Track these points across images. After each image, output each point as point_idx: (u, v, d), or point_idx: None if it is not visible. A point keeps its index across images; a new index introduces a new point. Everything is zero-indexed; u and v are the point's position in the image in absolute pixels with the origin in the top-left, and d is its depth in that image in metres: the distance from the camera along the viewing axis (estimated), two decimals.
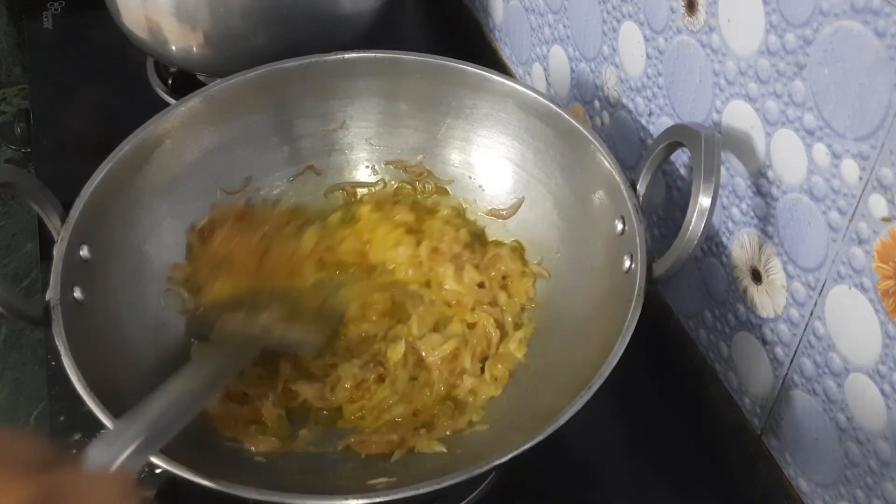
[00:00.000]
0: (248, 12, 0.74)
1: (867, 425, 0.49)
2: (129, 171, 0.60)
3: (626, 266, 0.56)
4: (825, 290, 0.50)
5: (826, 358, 0.51)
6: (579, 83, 0.73)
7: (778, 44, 0.48)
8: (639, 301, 0.52)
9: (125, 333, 0.57)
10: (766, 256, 0.54)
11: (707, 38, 0.54)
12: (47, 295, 0.52)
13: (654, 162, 0.57)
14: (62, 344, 0.50)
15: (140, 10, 0.76)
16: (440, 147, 0.70)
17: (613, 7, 0.64)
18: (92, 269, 0.56)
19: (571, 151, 0.63)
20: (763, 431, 0.59)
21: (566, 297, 0.62)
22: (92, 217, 0.56)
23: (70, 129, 0.84)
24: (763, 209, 0.53)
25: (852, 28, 0.43)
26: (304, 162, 0.70)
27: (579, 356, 0.56)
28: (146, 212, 0.62)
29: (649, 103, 0.63)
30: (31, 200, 0.55)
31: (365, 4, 0.80)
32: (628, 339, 0.50)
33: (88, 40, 0.93)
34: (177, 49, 0.77)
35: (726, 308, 0.60)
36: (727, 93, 0.54)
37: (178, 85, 0.87)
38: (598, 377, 0.49)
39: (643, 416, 0.65)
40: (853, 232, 0.47)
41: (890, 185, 0.43)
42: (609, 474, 0.62)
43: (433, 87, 0.67)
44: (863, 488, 0.50)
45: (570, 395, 0.49)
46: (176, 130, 0.63)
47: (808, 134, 0.48)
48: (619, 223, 0.58)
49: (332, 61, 0.67)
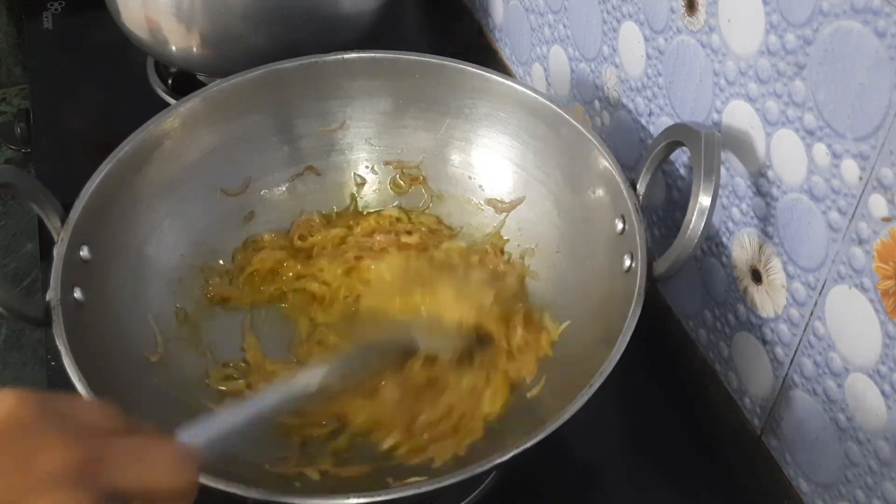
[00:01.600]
0: (247, 12, 0.74)
1: (867, 425, 0.49)
2: (129, 171, 0.60)
3: (626, 265, 0.56)
4: (825, 290, 0.50)
5: (826, 358, 0.51)
6: (579, 83, 0.73)
7: (778, 44, 0.48)
8: (639, 300, 0.52)
9: (126, 334, 0.57)
10: (766, 256, 0.54)
11: (707, 38, 0.54)
12: (47, 296, 0.52)
13: (653, 161, 0.57)
14: (63, 344, 0.50)
15: (140, 10, 0.76)
16: (440, 147, 0.70)
17: (613, 7, 0.64)
18: (92, 269, 0.56)
19: (571, 151, 0.63)
20: (763, 431, 0.59)
21: (566, 297, 0.62)
22: (92, 218, 0.56)
23: (70, 128, 0.84)
24: (763, 209, 0.53)
25: (852, 28, 0.43)
26: (304, 162, 0.70)
27: (581, 353, 0.56)
28: (146, 212, 0.62)
29: (649, 103, 0.63)
30: (31, 201, 0.55)
31: (365, 4, 0.80)
32: (629, 338, 0.50)
33: (88, 40, 0.93)
34: (177, 49, 0.77)
35: (726, 308, 0.60)
36: (727, 93, 0.54)
37: (178, 85, 0.86)
38: (598, 375, 0.49)
39: (643, 416, 0.65)
40: (853, 232, 0.47)
41: (890, 184, 0.43)
42: (609, 474, 0.62)
43: (432, 87, 0.67)
44: (863, 488, 0.50)
45: (572, 394, 0.49)
46: (175, 131, 0.63)
47: (808, 134, 0.48)
48: (619, 222, 0.58)
49: (332, 61, 0.67)
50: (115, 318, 0.57)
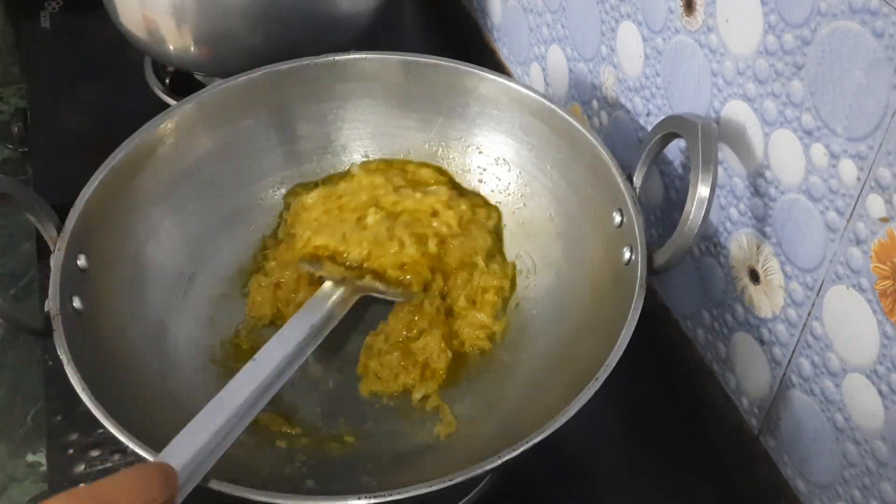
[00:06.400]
0: (245, 12, 0.74)
1: (865, 425, 0.49)
2: (124, 179, 0.60)
3: (625, 258, 0.56)
4: (823, 290, 0.50)
5: (824, 358, 0.51)
6: (577, 83, 0.73)
7: (776, 44, 0.48)
8: (641, 292, 0.52)
9: (126, 341, 0.57)
10: (763, 257, 0.54)
11: (705, 38, 0.54)
12: (46, 305, 0.52)
13: (650, 153, 0.57)
14: (64, 354, 0.49)
15: (137, 9, 0.76)
16: (435, 146, 0.70)
17: (611, 7, 0.64)
18: (90, 278, 0.56)
19: (566, 146, 0.63)
20: (761, 431, 0.59)
21: (566, 291, 0.62)
22: (88, 226, 0.56)
23: (67, 128, 0.84)
24: (761, 209, 0.53)
25: (850, 28, 0.43)
26: (300, 164, 0.70)
27: (581, 348, 0.56)
28: (142, 219, 0.62)
29: (647, 103, 0.63)
30: (27, 211, 0.55)
31: (363, 4, 0.80)
32: (633, 330, 0.50)
33: (86, 39, 0.93)
34: (174, 48, 0.77)
35: (724, 308, 0.60)
36: (725, 93, 0.54)
37: (175, 84, 0.86)
38: (603, 369, 0.48)
39: (641, 417, 0.65)
40: (851, 232, 0.47)
41: (888, 185, 0.43)
42: (606, 474, 0.62)
43: (425, 86, 0.68)
44: (860, 488, 0.50)
45: (573, 388, 0.49)
46: (169, 137, 0.63)
47: (806, 134, 0.48)
48: (616, 216, 0.58)
49: (324, 63, 0.67)
50: (115, 325, 0.57)
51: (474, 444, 0.56)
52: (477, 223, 0.67)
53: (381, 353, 0.62)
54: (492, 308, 0.64)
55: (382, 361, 0.61)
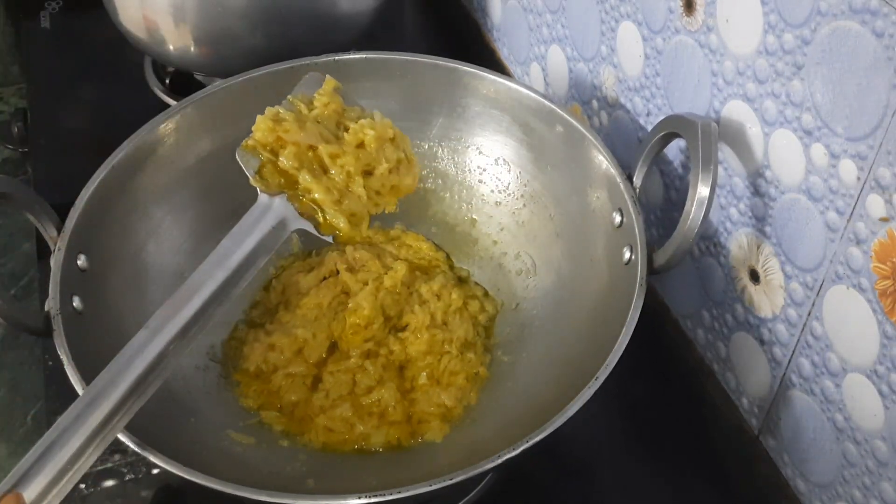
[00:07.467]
0: (245, 12, 0.74)
1: (864, 425, 0.49)
2: (124, 179, 0.60)
3: (626, 258, 0.56)
4: (823, 290, 0.50)
5: (824, 358, 0.51)
6: (577, 83, 0.73)
7: (776, 44, 0.48)
8: (641, 292, 0.52)
9: (126, 341, 0.57)
10: (763, 256, 0.54)
11: (705, 38, 0.54)
12: (46, 305, 0.52)
13: (650, 153, 0.57)
14: (64, 354, 0.50)
15: (137, 9, 0.76)
16: (434, 146, 0.70)
17: (611, 7, 0.64)
18: (90, 278, 0.56)
19: (565, 146, 0.63)
20: (761, 431, 0.59)
21: (566, 291, 0.62)
22: (88, 226, 0.56)
23: (67, 128, 0.84)
24: (761, 209, 0.53)
25: (850, 28, 0.43)
26: None
27: (581, 348, 0.56)
28: (142, 219, 0.62)
29: (647, 103, 0.63)
30: (27, 211, 0.55)
31: (363, 4, 0.80)
32: (632, 330, 0.50)
33: (86, 40, 0.93)
34: (174, 48, 0.77)
35: (724, 308, 0.60)
36: (725, 93, 0.54)
37: (175, 84, 0.86)
38: (603, 369, 0.49)
39: (641, 416, 0.65)
40: (851, 232, 0.47)
41: (888, 185, 0.43)
42: (606, 474, 0.62)
43: (424, 86, 0.68)
44: (860, 488, 0.50)
45: (573, 388, 0.49)
46: (169, 137, 0.63)
47: (806, 134, 0.48)
48: (616, 215, 0.58)
49: (324, 63, 0.67)
50: (115, 325, 0.57)
51: (474, 444, 0.56)
52: (462, 314, 0.64)
53: (325, 408, 0.59)
54: (458, 391, 0.60)
55: (331, 416, 0.58)
